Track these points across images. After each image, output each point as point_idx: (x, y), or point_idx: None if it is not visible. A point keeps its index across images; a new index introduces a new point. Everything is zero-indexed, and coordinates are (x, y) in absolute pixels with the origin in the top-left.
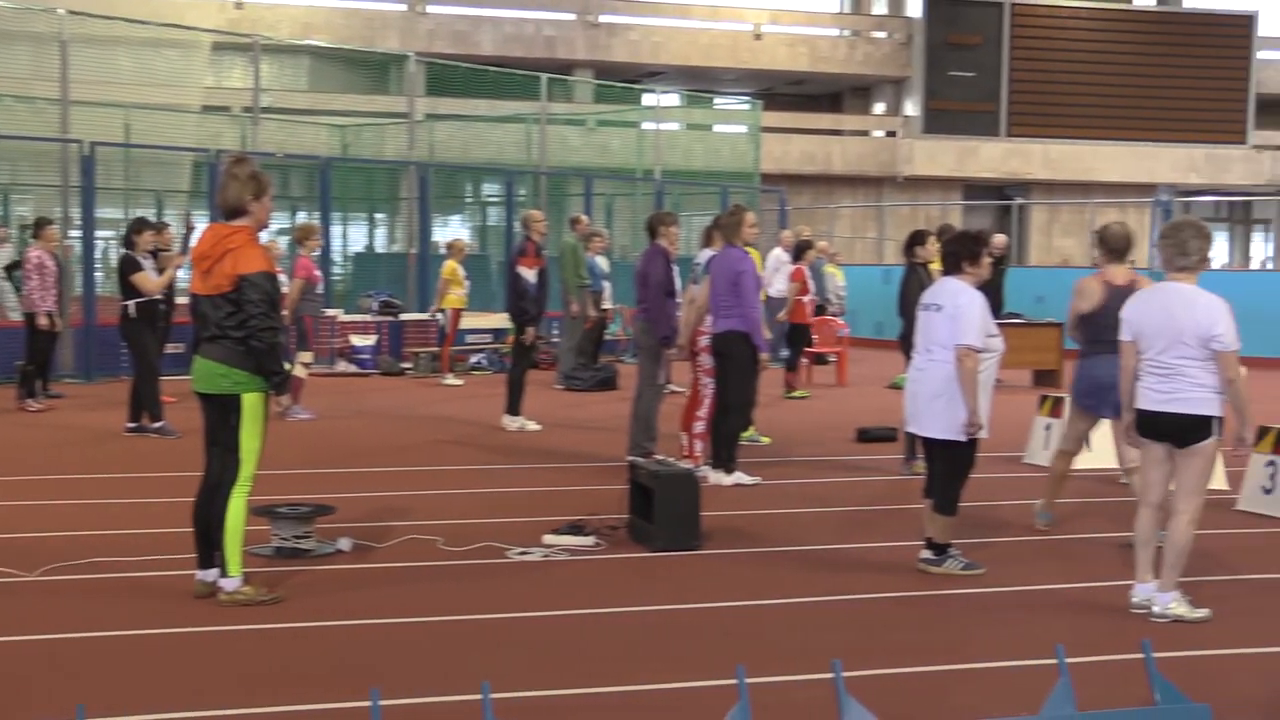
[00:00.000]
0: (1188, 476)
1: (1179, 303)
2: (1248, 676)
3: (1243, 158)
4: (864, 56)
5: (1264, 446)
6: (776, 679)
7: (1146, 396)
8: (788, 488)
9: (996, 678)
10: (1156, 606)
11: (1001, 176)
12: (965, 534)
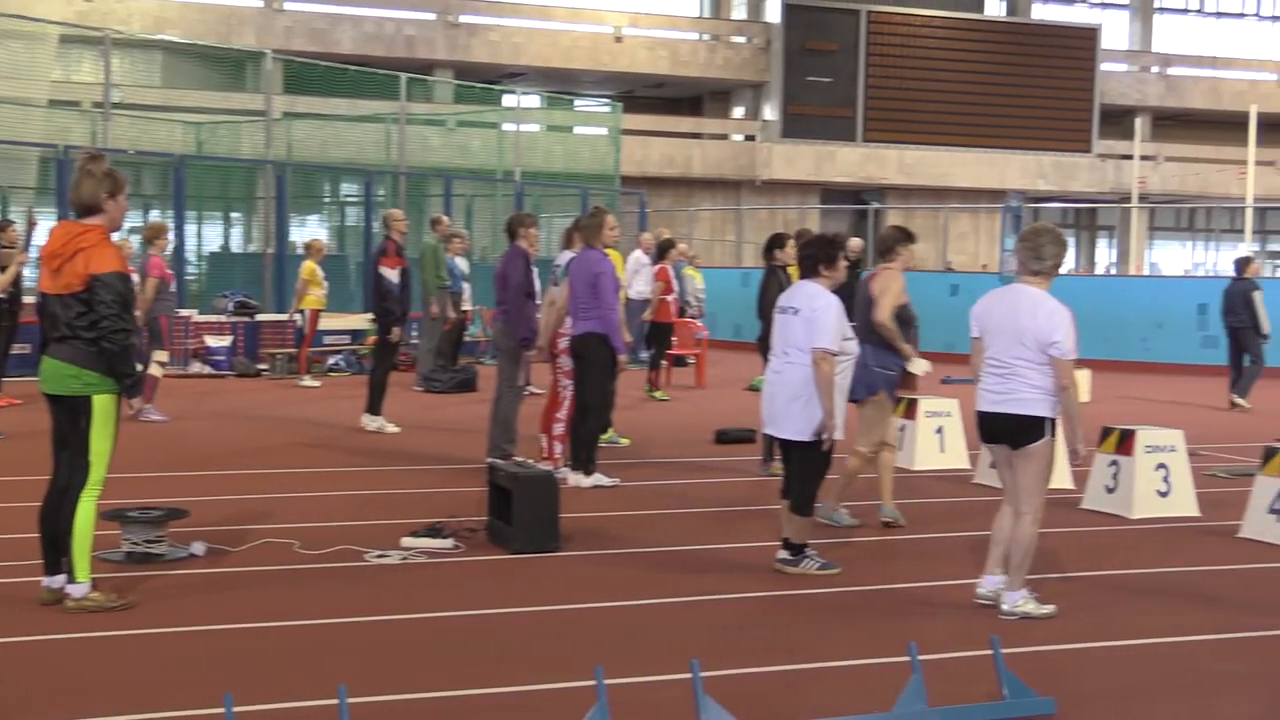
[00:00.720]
0: (1025, 477)
1: (1026, 305)
2: (1091, 670)
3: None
4: (723, 61)
5: (1107, 447)
6: (635, 680)
7: (984, 398)
8: (647, 489)
9: (852, 676)
10: (1005, 604)
11: (858, 181)
12: (821, 534)
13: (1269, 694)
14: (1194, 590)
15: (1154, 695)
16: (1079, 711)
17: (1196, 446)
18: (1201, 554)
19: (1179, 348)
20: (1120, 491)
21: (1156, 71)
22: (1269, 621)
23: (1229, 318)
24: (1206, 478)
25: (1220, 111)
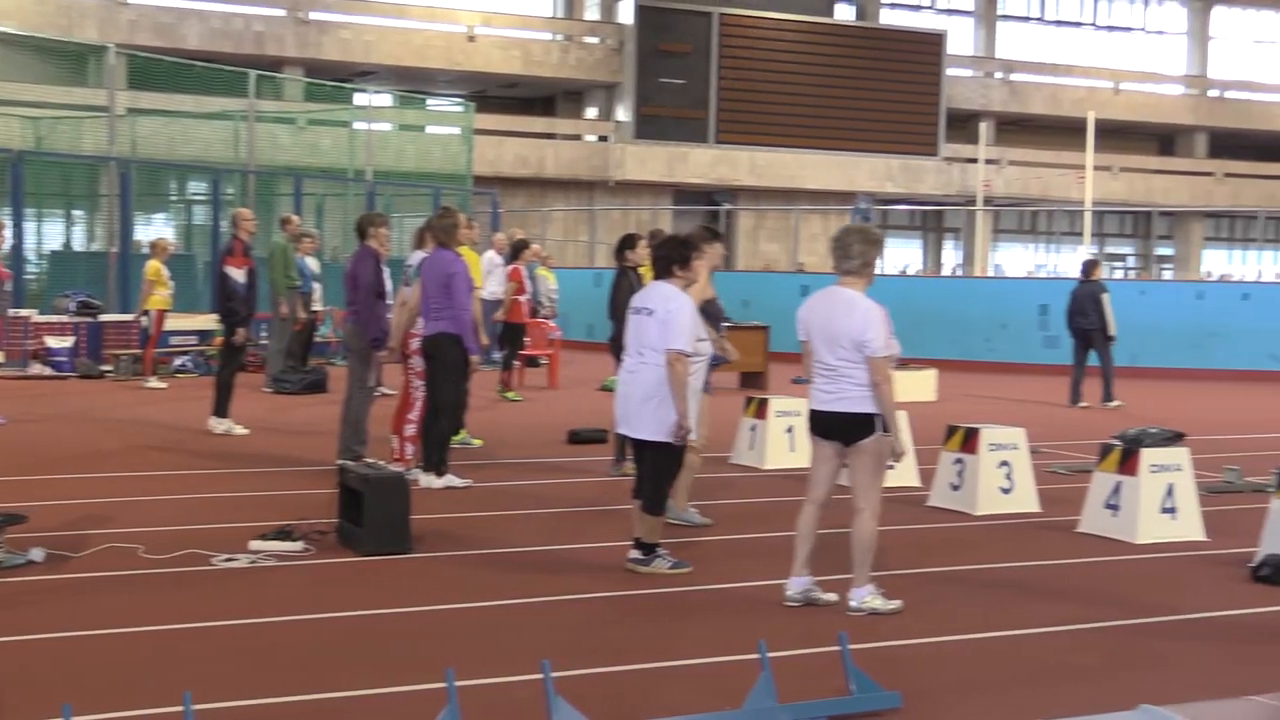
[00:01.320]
0: (859, 474)
1: (840, 306)
2: (936, 664)
3: (935, 169)
4: (576, 61)
5: (952, 445)
6: (486, 681)
7: (815, 397)
8: (499, 490)
9: (703, 674)
10: (853, 601)
11: (710, 182)
12: (672, 534)
13: (1108, 684)
14: (1036, 584)
15: (997, 688)
16: (925, 705)
17: (1038, 444)
18: (1043, 549)
19: (1021, 347)
20: (965, 489)
21: (1000, 77)
22: (1106, 613)
23: (1078, 319)
24: (1047, 474)
25: (1060, 117)
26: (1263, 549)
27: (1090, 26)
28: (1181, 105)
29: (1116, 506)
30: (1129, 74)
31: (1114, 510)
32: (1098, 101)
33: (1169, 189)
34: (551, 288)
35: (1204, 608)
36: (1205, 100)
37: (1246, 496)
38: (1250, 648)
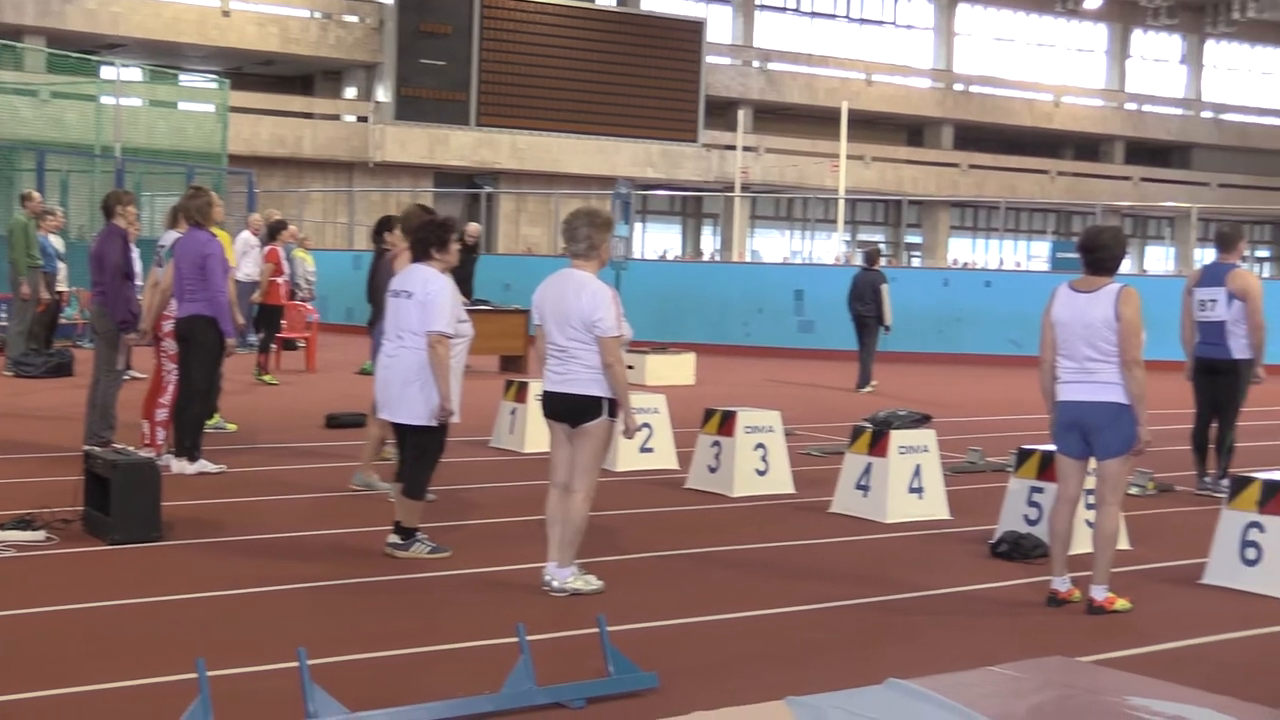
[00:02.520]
0: (582, 455)
1: (571, 289)
2: (693, 644)
3: (694, 155)
4: (335, 40)
5: (709, 428)
6: (240, 670)
7: (548, 379)
8: (254, 475)
9: (462, 658)
10: (555, 581)
11: (471, 165)
12: (433, 517)
13: (857, 660)
14: (789, 564)
15: (752, 665)
16: (681, 684)
17: (793, 427)
18: (796, 529)
19: (777, 332)
20: (722, 471)
21: (758, 66)
22: (856, 591)
23: (856, 305)
24: (802, 456)
25: (816, 107)
26: (1001, 526)
27: (844, 19)
28: (929, 98)
29: (867, 487)
30: (880, 66)
31: (864, 491)
32: (851, 92)
33: (918, 179)
34: (309, 270)
35: (947, 584)
36: (951, 94)
37: (988, 476)
38: (989, 620)
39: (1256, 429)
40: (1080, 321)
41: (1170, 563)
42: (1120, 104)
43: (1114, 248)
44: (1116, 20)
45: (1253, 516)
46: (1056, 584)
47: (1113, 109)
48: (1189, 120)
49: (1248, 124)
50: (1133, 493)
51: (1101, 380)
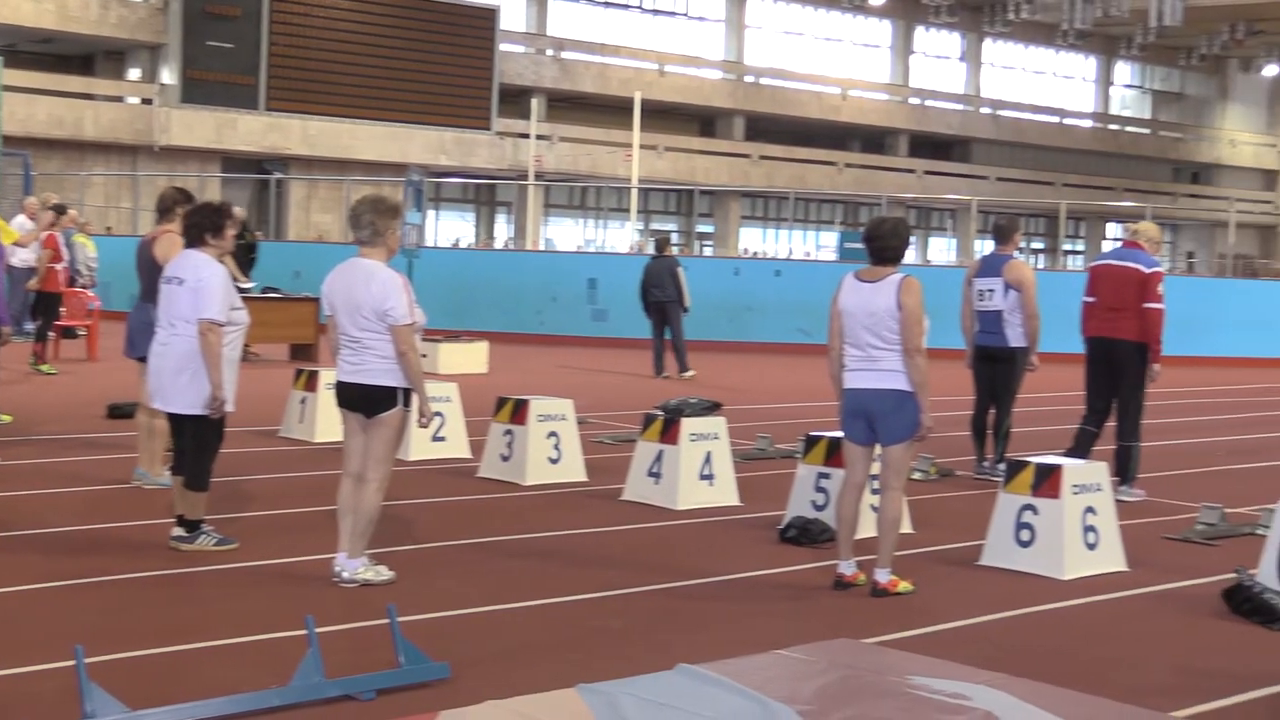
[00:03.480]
0: (375, 445)
1: (360, 277)
2: (485, 633)
3: (488, 143)
4: (118, 19)
5: (502, 417)
6: (12, 671)
7: (340, 368)
8: (30, 468)
9: (249, 651)
10: (345, 572)
11: (261, 150)
12: (219, 509)
13: (649, 646)
14: (582, 551)
15: (544, 654)
16: (473, 674)
17: (585, 415)
18: (589, 517)
19: (571, 320)
20: (514, 459)
21: (551, 55)
22: (648, 577)
23: (654, 292)
24: (594, 444)
25: (609, 96)
26: (790, 512)
27: (637, 10)
28: (721, 89)
29: (659, 474)
30: (673, 57)
31: (656, 478)
32: (644, 82)
33: (710, 169)
34: (90, 256)
35: (737, 569)
36: (742, 85)
37: (776, 462)
38: (778, 605)
39: (1032, 414)
40: (865, 310)
41: (950, 545)
42: (904, 98)
43: (896, 238)
44: (900, 17)
45: (1027, 499)
46: (843, 568)
47: (897, 103)
48: (969, 115)
49: (1023, 120)
50: (916, 477)
51: (886, 368)
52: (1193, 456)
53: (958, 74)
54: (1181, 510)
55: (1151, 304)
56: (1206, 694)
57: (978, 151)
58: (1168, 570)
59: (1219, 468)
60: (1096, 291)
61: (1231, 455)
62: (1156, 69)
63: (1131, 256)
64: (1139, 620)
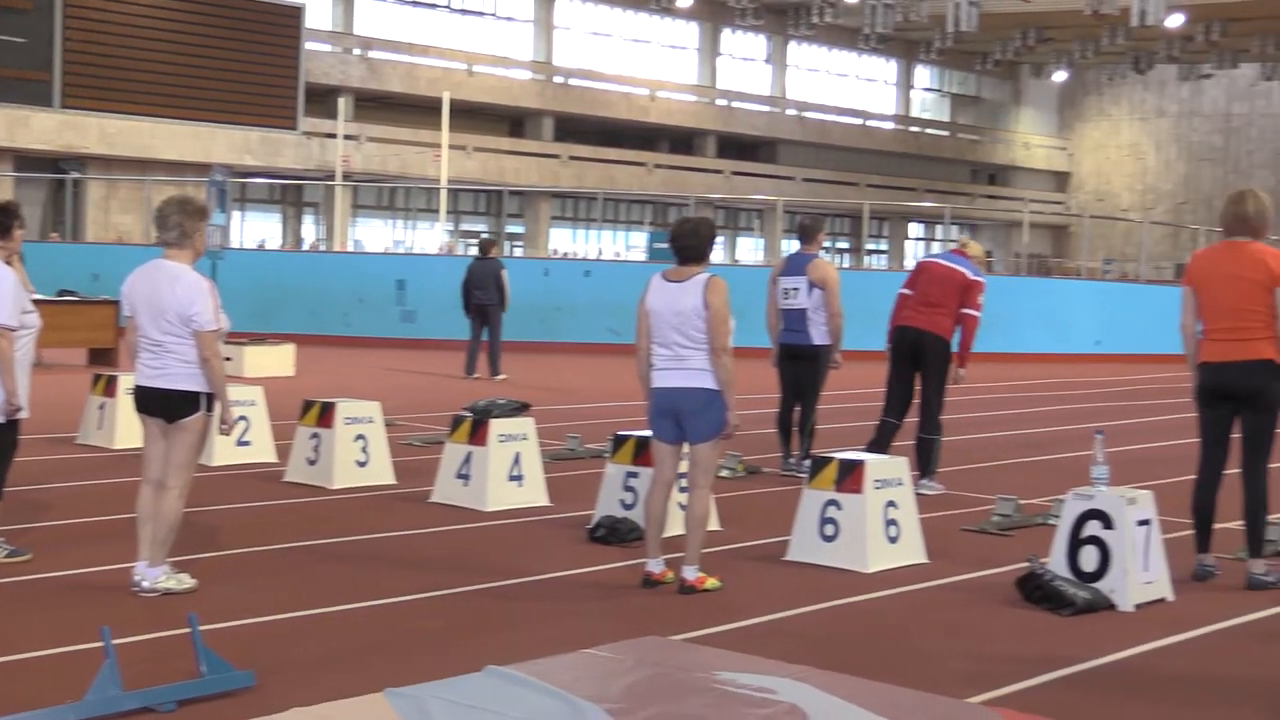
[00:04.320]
0: (176, 451)
1: (165, 280)
2: (293, 639)
3: (294, 143)
4: None
5: (308, 420)
6: None
7: (141, 372)
8: None
9: (45, 666)
10: (146, 581)
11: (56, 149)
12: (11, 519)
13: (458, 649)
14: (390, 555)
15: (352, 659)
16: (279, 681)
17: (394, 417)
18: (397, 520)
19: (379, 322)
20: (321, 463)
21: (358, 54)
22: (456, 580)
23: (477, 294)
24: (403, 446)
25: (418, 96)
26: (599, 511)
27: (445, 9)
28: (530, 89)
29: (467, 476)
30: (482, 57)
31: (465, 480)
32: (452, 82)
33: (519, 169)
34: None
35: (547, 569)
36: (551, 86)
37: (586, 462)
38: (587, 604)
39: (836, 411)
40: (672, 310)
41: (757, 541)
42: (712, 100)
43: (696, 238)
44: (707, 19)
45: (831, 495)
46: (651, 566)
47: (705, 104)
48: (775, 117)
49: (827, 122)
50: (723, 475)
51: (693, 367)
52: (989, 450)
53: (764, 76)
54: (979, 503)
55: (971, 310)
56: (1000, 679)
57: (784, 152)
58: (966, 561)
59: (1014, 461)
60: (916, 286)
61: (1025, 448)
62: (954, 73)
63: (959, 262)
64: (938, 610)
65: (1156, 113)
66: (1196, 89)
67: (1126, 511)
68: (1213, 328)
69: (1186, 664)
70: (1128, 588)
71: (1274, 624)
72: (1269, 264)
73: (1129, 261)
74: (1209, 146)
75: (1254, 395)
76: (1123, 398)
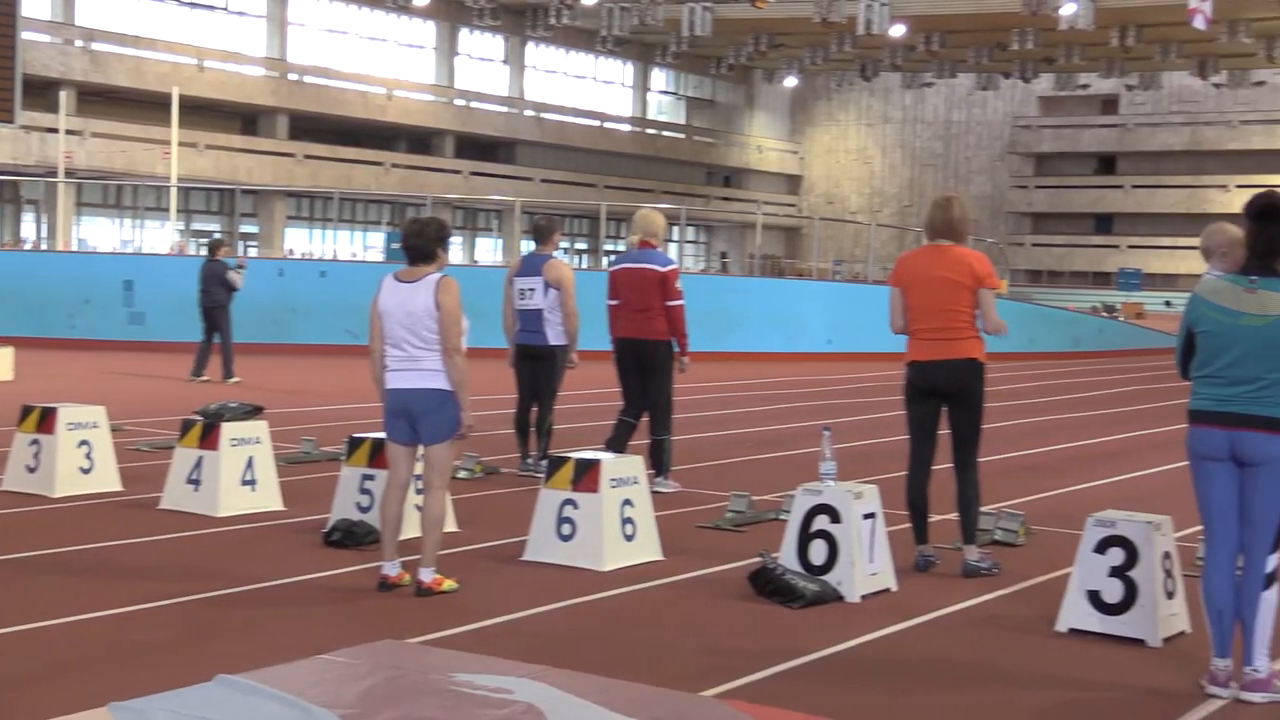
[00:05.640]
0: None
1: None
2: (16, 653)
3: (11, 137)
4: None
5: (27, 426)
6: None
7: None
8: None
9: None
10: None
11: None
12: None
13: (189, 658)
14: (117, 564)
15: (78, 672)
16: (4, 696)
17: (120, 422)
18: (124, 528)
19: (106, 324)
20: (42, 470)
21: (81, 46)
22: (187, 587)
23: (205, 297)
24: (131, 452)
25: (145, 91)
26: (334, 515)
27: (174, 2)
28: (263, 86)
29: (198, 481)
30: (212, 52)
31: (196, 485)
32: (182, 78)
33: (253, 168)
34: None
35: (282, 575)
36: (286, 83)
37: (322, 465)
38: (324, 609)
39: (573, 412)
40: (403, 310)
41: (495, 542)
42: (450, 99)
43: (421, 238)
44: (444, 19)
45: (567, 494)
46: (387, 569)
47: (443, 104)
48: (513, 117)
49: (566, 123)
50: (461, 476)
51: (426, 368)
52: (724, 448)
53: (502, 77)
54: (714, 499)
55: (673, 301)
56: (734, 672)
57: (522, 153)
58: (700, 557)
59: (748, 458)
60: (619, 294)
61: (758, 445)
62: (690, 77)
63: (647, 257)
64: (673, 606)
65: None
66: (919, 96)
67: (853, 506)
68: (919, 328)
69: (912, 650)
70: (855, 579)
71: (990, 608)
72: (973, 265)
73: (858, 262)
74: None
75: (961, 393)
76: (852, 395)
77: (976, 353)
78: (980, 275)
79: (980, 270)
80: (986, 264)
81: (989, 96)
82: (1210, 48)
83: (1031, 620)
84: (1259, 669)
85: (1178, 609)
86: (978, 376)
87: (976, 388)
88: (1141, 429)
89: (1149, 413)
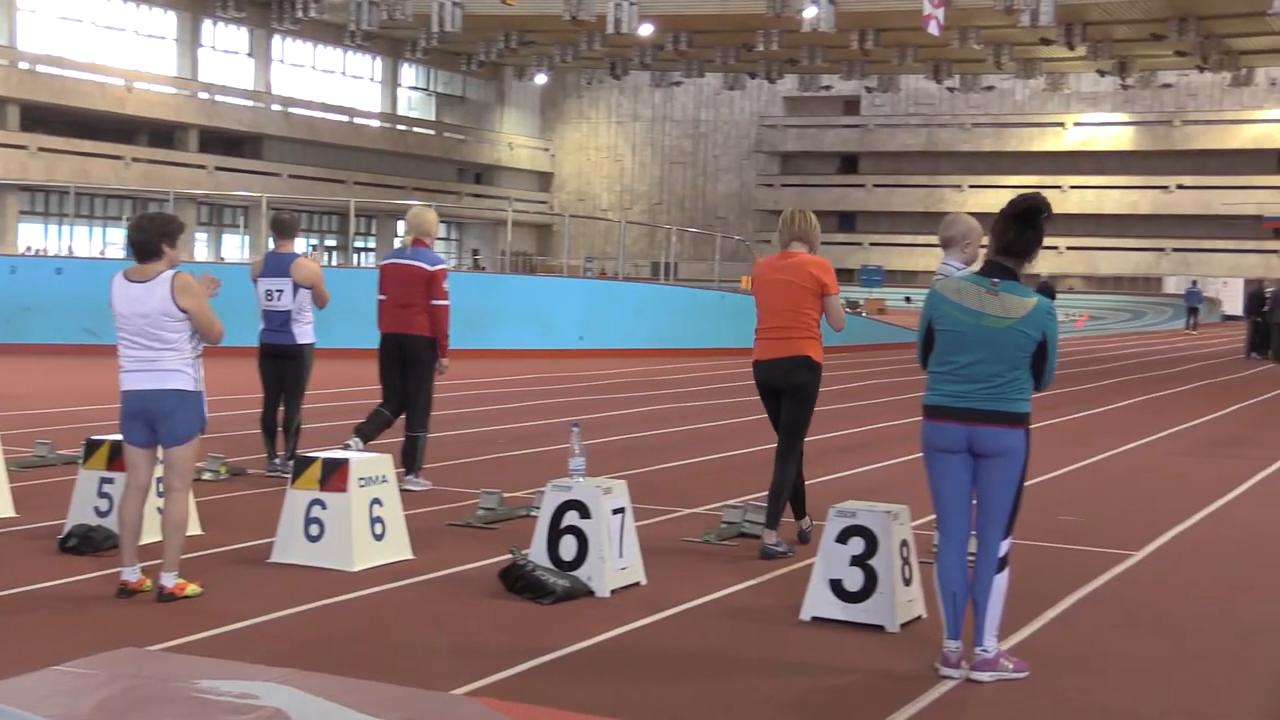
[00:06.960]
0: None
1: None
2: None
3: None
4: None
5: None
6: None
7: None
8: None
9: None
10: None
11: None
12: None
13: None
14: None
15: None
16: None
17: None
18: None
19: None
20: None
21: None
22: None
23: None
24: None
25: None
26: (71, 520)
27: None
28: None
29: None
30: None
31: None
32: None
33: None
34: None
35: (15, 584)
36: (16, 72)
37: (58, 469)
38: (60, 618)
39: (322, 411)
40: (137, 312)
41: (241, 544)
42: (194, 92)
43: (145, 233)
44: (185, 9)
45: (315, 494)
46: (127, 574)
47: (186, 97)
48: (260, 112)
49: (315, 118)
50: (206, 478)
51: (164, 368)
52: (475, 445)
53: (247, 70)
54: (465, 497)
55: (438, 301)
56: (484, 670)
57: (269, 148)
58: (451, 555)
59: (499, 455)
60: (387, 290)
61: (510, 442)
62: (440, 73)
63: (417, 255)
64: (423, 605)
65: (632, 117)
66: (668, 95)
67: (602, 501)
68: (764, 327)
69: (661, 643)
70: (605, 574)
71: (738, 599)
72: (814, 272)
73: (609, 259)
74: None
75: (795, 388)
76: (604, 391)
77: (812, 351)
78: (824, 281)
79: (823, 277)
80: (829, 271)
81: (736, 96)
82: (944, 53)
83: (777, 610)
84: (988, 649)
85: (915, 595)
86: (813, 373)
87: (810, 384)
88: (882, 421)
89: (889, 406)
